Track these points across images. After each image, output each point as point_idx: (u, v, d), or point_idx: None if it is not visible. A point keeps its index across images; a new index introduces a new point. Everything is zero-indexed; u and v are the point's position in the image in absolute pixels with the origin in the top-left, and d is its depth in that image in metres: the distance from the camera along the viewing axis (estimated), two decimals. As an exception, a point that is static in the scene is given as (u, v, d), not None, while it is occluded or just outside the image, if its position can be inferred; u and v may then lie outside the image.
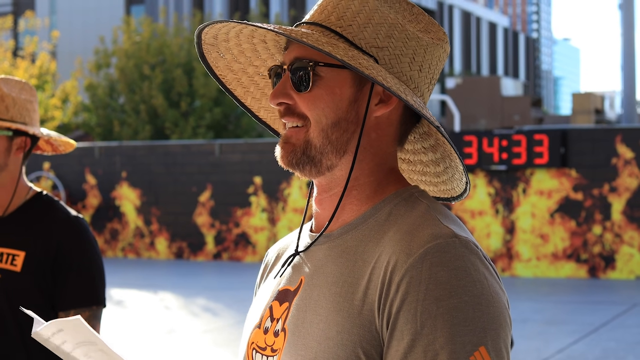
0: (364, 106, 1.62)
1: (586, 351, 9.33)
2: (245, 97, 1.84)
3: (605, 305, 12.24)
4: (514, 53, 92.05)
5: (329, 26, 1.62)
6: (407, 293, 1.47)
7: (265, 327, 1.67)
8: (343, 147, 1.62)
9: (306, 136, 1.62)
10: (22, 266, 2.92)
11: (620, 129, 15.14)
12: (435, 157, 1.75)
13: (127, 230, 18.94)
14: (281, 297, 1.67)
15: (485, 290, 1.49)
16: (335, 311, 1.54)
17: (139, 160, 18.96)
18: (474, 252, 1.52)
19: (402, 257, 1.50)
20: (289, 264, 1.71)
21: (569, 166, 14.79)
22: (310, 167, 1.64)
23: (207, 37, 1.73)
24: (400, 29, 1.63)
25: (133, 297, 13.55)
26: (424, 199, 1.64)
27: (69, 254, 2.95)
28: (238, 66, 1.80)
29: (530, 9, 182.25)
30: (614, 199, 14.58)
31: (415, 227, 1.55)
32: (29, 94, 3.06)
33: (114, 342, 10.13)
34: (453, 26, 76.49)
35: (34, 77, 28.27)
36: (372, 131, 1.64)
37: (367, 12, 1.62)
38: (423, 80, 1.66)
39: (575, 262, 14.82)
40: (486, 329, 1.47)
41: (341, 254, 1.61)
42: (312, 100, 1.61)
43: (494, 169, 15.11)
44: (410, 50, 1.63)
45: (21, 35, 39.19)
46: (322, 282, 1.60)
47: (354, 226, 1.63)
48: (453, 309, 1.45)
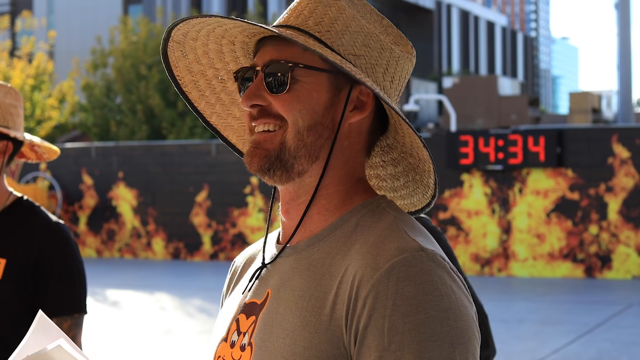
0: (339, 112, 1.60)
1: (581, 352, 9.32)
2: (199, 101, 1.80)
3: (601, 305, 12.24)
4: (512, 52, 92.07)
5: (307, 30, 1.61)
6: (373, 309, 1.45)
7: (232, 340, 1.65)
8: (316, 152, 1.60)
9: (282, 138, 1.60)
10: (3, 274, 2.90)
11: (617, 128, 15.14)
12: (396, 171, 1.73)
13: (123, 231, 18.93)
14: (248, 311, 1.65)
15: (452, 304, 1.46)
16: (302, 326, 1.52)
17: (135, 161, 18.95)
18: (441, 265, 1.49)
19: (368, 272, 1.48)
20: (257, 278, 1.68)
21: (565, 166, 14.79)
22: (281, 172, 1.61)
23: (177, 35, 1.70)
24: (376, 39, 1.62)
25: (129, 298, 13.53)
26: (392, 209, 1.61)
27: (50, 260, 2.92)
28: (198, 68, 1.77)
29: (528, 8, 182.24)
30: (610, 199, 14.58)
31: (382, 240, 1.52)
32: (14, 99, 3.03)
33: (110, 343, 10.12)
34: (451, 25, 76.49)
35: (30, 77, 28.24)
36: (344, 139, 1.63)
37: (344, 20, 1.61)
38: (393, 91, 1.66)
39: (571, 262, 14.82)
40: (454, 343, 1.44)
41: (308, 267, 1.59)
42: (290, 101, 1.59)
43: (490, 168, 15.11)
44: (384, 61, 1.63)
45: (18, 35, 39.15)
46: (288, 296, 1.58)
47: (321, 238, 1.61)
48: (420, 324, 1.43)
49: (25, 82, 28.09)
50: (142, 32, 29.93)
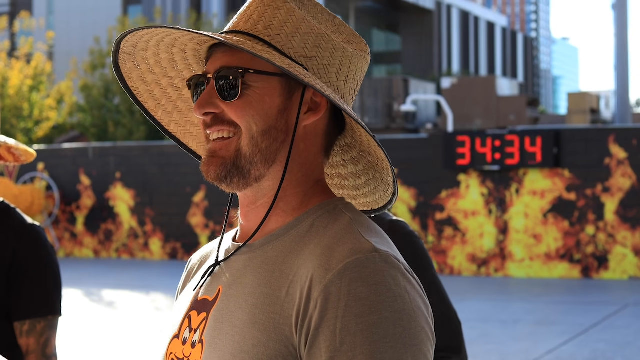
0: (293, 115, 1.60)
1: (575, 352, 9.32)
2: (156, 110, 1.79)
3: (597, 306, 12.23)
4: (513, 53, 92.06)
5: (257, 35, 1.60)
6: (326, 309, 1.44)
7: (183, 337, 1.64)
8: (272, 156, 1.59)
9: (237, 145, 1.59)
10: None
11: (614, 129, 15.14)
12: (357, 170, 1.73)
13: (121, 231, 18.93)
14: (199, 307, 1.64)
15: (406, 306, 1.45)
16: (251, 324, 1.51)
17: (133, 161, 18.95)
18: (395, 266, 1.48)
19: (320, 273, 1.47)
20: (209, 275, 1.67)
21: (562, 166, 14.78)
22: (238, 179, 1.60)
23: (127, 46, 1.69)
24: (327, 39, 1.61)
25: (127, 298, 13.53)
26: (348, 211, 1.61)
27: (24, 262, 2.89)
28: (152, 77, 1.76)
29: (528, 9, 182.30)
30: (607, 199, 14.58)
31: (336, 241, 1.51)
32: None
33: (107, 343, 10.12)
34: (451, 26, 76.49)
35: (29, 77, 28.26)
36: (300, 141, 1.62)
37: (294, 22, 1.60)
38: (348, 91, 1.64)
39: (568, 262, 14.81)
40: (407, 345, 1.43)
41: (261, 264, 1.58)
42: (242, 107, 1.58)
43: (487, 169, 15.10)
44: (337, 61, 1.61)
45: (17, 36, 39.18)
46: (239, 293, 1.57)
47: (276, 237, 1.60)
48: (373, 325, 1.42)
49: (23, 82, 28.12)
50: (140, 33, 29.97)
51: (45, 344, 2.84)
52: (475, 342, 9.74)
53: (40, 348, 2.84)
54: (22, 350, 2.85)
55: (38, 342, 2.83)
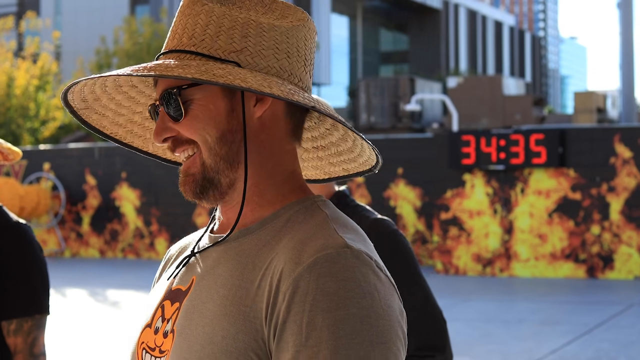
0: (242, 112, 1.60)
1: (579, 352, 9.30)
2: (145, 145, 1.84)
3: (602, 306, 12.20)
4: (520, 52, 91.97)
5: (183, 49, 1.61)
6: (293, 303, 1.44)
7: (156, 327, 1.65)
8: (235, 158, 1.60)
9: (201, 159, 1.61)
10: None
11: (619, 128, 15.10)
12: (341, 135, 1.73)
13: (127, 231, 18.95)
14: (173, 297, 1.65)
15: (375, 303, 1.44)
16: (221, 315, 1.51)
17: (138, 161, 18.97)
18: (366, 263, 1.48)
19: (290, 266, 1.47)
20: (184, 265, 1.69)
21: (567, 166, 14.75)
22: (213, 192, 1.62)
23: (77, 103, 1.72)
24: (254, 24, 1.61)
25: (132, 298, 13.55)
26: (326, 208, 1.61)
27: (9, 260, 2.89)
28: (123, 119, 1.79)
29: (536, 8, 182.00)
30: (612, 199, 14.54)
31: (309, 236, 1.52)
32: None
33: (113, 343, 10.13)
34: (459, 25, 76.45)
35: (35, 77, 28.31)
36: (260, 133, 1.62)
37: (215, 22, 1.60)
38: (295, 65, 1.63)
39: (573, 262, 14.78)
40: (374, 342, 1.42)
41: (234, 256, 1.58)
42: (191, 124, 1.59)
43: (492, 168, 15.08)
44: (272, 42, 1.61)
45: (23, 36, 39.27)
46: (211, 284, 1.57)
47: (252, 231, 1.61)
48: (339, 320, 1.42)
49: (29, 82, 28.17)
50: (146, 33, 29.97)
51: (32, 343, 2.84)
52: (478, 341, 9.73)
53: (28, 347, 2.84)
54: (10, 350, 2.85)
55: (25, 341, 2.83)
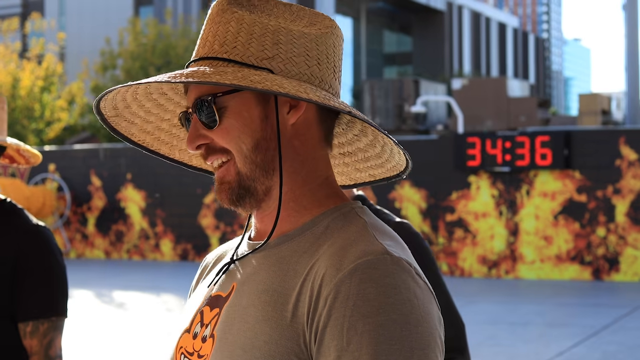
0: (276, 119, 1.62)
1: (586, 354, 9.30)
2: (172, 152, 1.86)
3: (608, 308, 12.20)
4: (524, 54, 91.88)
5: (215, 56, 1.62)
6: (334, 308, 1.46)
7: (194, 332, 1.67)
8: (270, 166, 1.62)
9: (236, 168, 1.62)
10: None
11: (624, 130, 15.10)
12: (369, 140, 1.74)
13: (132, 232, 18.97)
14: (212, 303, 1.67)
15: (415, 310, 1.46)
16: (263, 320, 1.53)
17: (144, 162, 18.98)
18: (406, 270, 1.50)
19: (331, 272, 1.49)
20: (224, 272, 1.70)
21: (572, 168, 14.75)
22: (249, 199, 1.63)
23: (108, 111, 1.74)
24: (285, 32, 1.62)
25: (137, 299, 13.56)
26: (363, 215, 1.63)
27: (29, 263, 2.89)
28: (151, 126, 1.81)
29: (540, 9, 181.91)
30: (617, 201, 14.54)
31: (349, 243, 1.53)
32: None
33: (118, 344, 10.14)
34: (462, 27, 76.40)
35: (40, 78, 28.32)
36: (294, 139, 1.64)
37: (246, 29, 1.61)
38: (325, 71, 1.65)
39: (579, 264, 14.78)
40: (413, 348, 1.44)
41: (275, 263, 1.60)
42: (226, 132, 1.61)
43: (498, 170, 15.08)
44: (302, 49, 1.62)
45: (28, 37, 39.28)
46: (252, 290, 1.59)
47: (291, 237, 1.62)
48: (380, 326, 1.43)
49: (34, 83, 28.18)
50: (150, 34, 29.98)
51: (48, 345, 2.84)
52: (484, 344, 9.73)
53: (44, 349, 2.84)
54: (27, 352, 2.85)
55: (41, 343, 2.83)
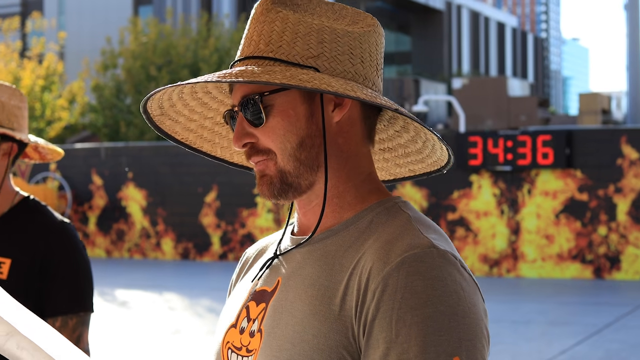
0: (321, 117, 1.64)
1: (589, 352, 9.32)
2: (214, 149, 1.89)
3: (610, 307, 12.22)
4: (523, 53, 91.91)
5: (261, 55, 1.64)
6: (382, 301, 1.49)
7: (241, 327, 1.69)
8: (315, 162, 1.64)
9: (277, 166, 1.65)
10: (9, 274, 2.92)
11: (626, 129, 15.13)
12: (410, 136, 1.77)
13: (133, 231, 18.98)
14: (258, 298, 1.69)
15: (461, 301, 1.49)
16: (311, 314, 1.56)
17: (145, 161, 18.99)
18: (452, 262, 1.53)
19: (379, 265, 1.52)
20: (268, 267, 1.73)
21: (574, 167, 14.77)
22: (292, 192, 1.66)
23: (154, 110, 1.78)
24: (329, 30, 1.64)
25: (139, 298, 13.57)
26: (407, 209, 1.65)
27: (55, 259, 2.93)
28: (195, 124, 1.84)
29: (538, 9, 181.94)
30: (619, 200, 14.56)
31: (395, 237, 1.56)
32: (19, 100, 3.05)
33: (119, 342, 10.15)
34: (461, 26, 76.41)
35: (41, 78, 28.31)
36: (338, 137, 1.66)
37: (291, 28, 1.63)
38: (369, 69, 1.67)
39: (580, 263, 14.80)
40: (462, 339, 1.46)
41: (320, 257, 1.63)
42: (272, 130, 1.63)
43: (499, 169, 15.10)
44: (346, 47, 1.64)
45: (29, 36, 39.26)
46: (299, 284, 1.62)
47: (335, 232, 1.65)
48: (428, 318, 1.46)
49: (35, 82, 28.16)
50: (151, 33, 29.98)
51: (77, 340, 2.88)
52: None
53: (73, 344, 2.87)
54: None
55: (70, 338, 2.86)
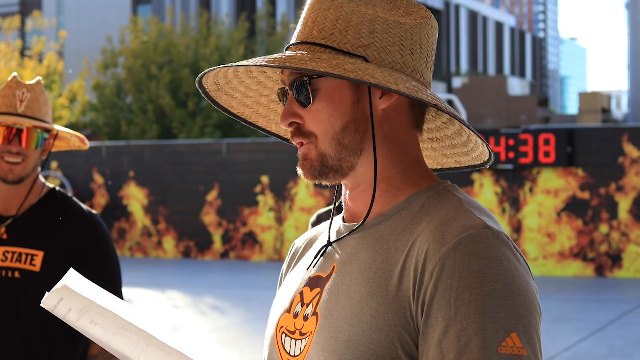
0: (368, 104, 1.68)
1: (593, 349, 9.35)
2: (269, 125, 1.93)
3: (612, 304, 12.26)
4: (521, 53, 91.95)
5: (313, 41, 1.69)
6: (441, 281, 1.53)
7: (295, 311, 1.73)
8: (358, 147, 1.68)
9: (318, 150, 1.69)
10: (42, 266, 2.95)
11: (627, 128, 15.16)
12: (456, 129, 1.80)
13: (134, 230, 18.99)
14: (312, 284, 1.73)
15: (516, 280, 1.54)
16: (369, 296, 1.60)
17: (146, 160, 19.01)
18: (505, 243, 1.57)
19: (436, 246, 1.56)
20: (322, 255, 1.76)
21: (575, 165, 14.81)
22: (333, 174, 1.70)
23: (210, 86, 1.83)
24: (381, 21, 1.68)
25: (140, 296, 13.58)
26: (457, 193, 1.69)
27: (86, 250, 2.98)
28: (251, 100, 1.89)
29: (537, 9, 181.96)
30: (620, 198, 14.60)
31: (449, 219, 1.60)
32: (46, 94, 3.11)
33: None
34: (460, 26, 76.43)
35: (41, 77, 28.26)
36: (384, 124, 1.70)
37: (344, 17, 1.68)
38: (418, 61, 1.71)
39: (582, 261, 14.83)
40: (518, 316, 1.51)
41: (374, 242, 1.66)
42: (317, 114, 1.68)
43: (501, 168, 15.13)
44: (397, 39, 1.68)
45: (29, 35, 39.23)
46: (355, 269, 1.65)
47: (388, 217, 1.69)
48: (486, 296, 1.51)
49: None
50: (152, 32, 29.96)
51: None
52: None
53: None
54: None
55: None
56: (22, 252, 2.96)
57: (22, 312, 2.95)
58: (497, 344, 1.48)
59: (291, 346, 1.70)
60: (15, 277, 2.94)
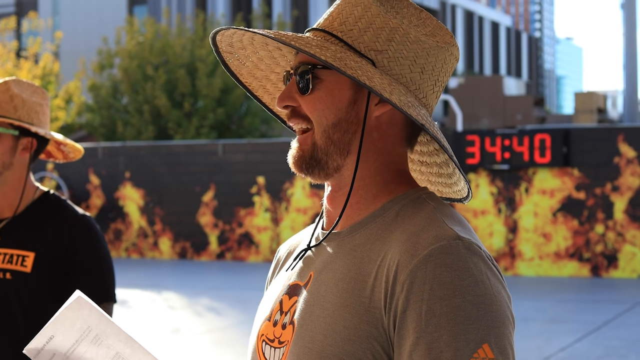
0: (363, 107, 1.67)
1: (588, 349, 9.36)
2: (272, 103, 1.92)
3: (608, 304, 12.27)
4: (517, 52, 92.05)
5: (331, 31, 1.69)
6: (412, 293, 1.53)
7: (274, 320, 1.74)
8: (346, 147, 1.68)
9: (313, 139, 1.69)
10: (33, 267, 2.97)
11: (623, 128, 15.17)
12: (445, 159, 1.79)
13: (130, 231, 18.98)
14: (291, 291, 1.74)
15: (487, 290, 1.53)
16: (342, 307, 1.60)
17: (142, 161, 19.00)
18: (477, 253, 1.57)
19: (406, 258, 1.55)
20: (300, 258, 1.77)
21: (571, 165, 14.82)
22: (318, 170, 1.70)
23: (223, 45, 1.81)
24: (402, 32, 1.67)
25: (136, 297, 13.58)
26: (432, 200, 1.68)
27: (78, 252, 3.00)
28: (261, 73, 1.88)
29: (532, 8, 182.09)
30: (616, 198, 14.61)
31: (421, 229, 1.59)
32: (40, 97, 3.10)
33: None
34: (456, 25, 76.50)
35: (37, 77, 28.27)
36: (373, 131, 1.69)
37: (368, 18, 1.68)
38: (426, 82, 1.70)
39: (577, 261, 14.85)
40: (490, 327, 1.51)
41: (349, 251, 1.66)
42: (313, 102, 1.68)
43: (497, 168, 15.14)
44: (412, 53, 1.67)
45: (24, 36, 39.21)
46: (329, 278, 1.66)
47: (363, 225, 1.68)
48: (456, 308, 1.50)
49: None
50: (148, 33, 29.97)
51: None
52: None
53: None
54: None
55: None
56: (13, 253, 2.98)
57: (15, 314, 2.97)
58: (468, 356, 1.48)
59: (270, 354, 1.71)
60: (7, 279, 2.97)
